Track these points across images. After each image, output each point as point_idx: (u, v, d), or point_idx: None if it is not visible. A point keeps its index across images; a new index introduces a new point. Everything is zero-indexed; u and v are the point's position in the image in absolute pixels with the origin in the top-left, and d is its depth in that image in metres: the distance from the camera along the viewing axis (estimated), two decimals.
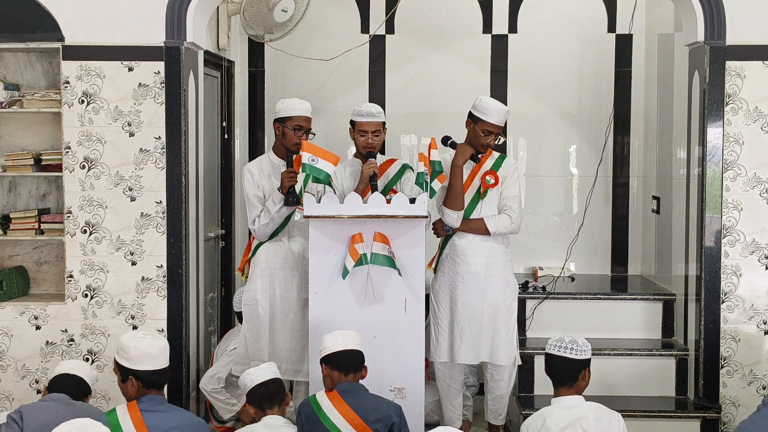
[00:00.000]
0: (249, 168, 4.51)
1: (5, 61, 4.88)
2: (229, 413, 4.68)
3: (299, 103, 4.47)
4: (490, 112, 4.38)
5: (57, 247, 4.91)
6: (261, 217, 4.41)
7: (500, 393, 4.56)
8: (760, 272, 4.65)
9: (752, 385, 4.66)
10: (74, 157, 4.58)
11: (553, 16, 6.03)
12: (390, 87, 6.09)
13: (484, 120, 4.39)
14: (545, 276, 5.74)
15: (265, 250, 4.51)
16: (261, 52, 6.09)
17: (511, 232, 4.51)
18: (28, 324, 4.65)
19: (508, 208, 4.47)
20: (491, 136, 4.40)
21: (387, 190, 4.51)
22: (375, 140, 4.49)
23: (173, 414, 3.33)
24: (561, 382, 3.38)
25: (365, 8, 6.05)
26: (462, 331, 4.46)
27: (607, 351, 4.99)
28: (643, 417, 4.71)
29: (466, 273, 4.46)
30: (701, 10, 4.53)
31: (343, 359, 3.60)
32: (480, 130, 4.40)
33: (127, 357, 3.34)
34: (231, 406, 4.67)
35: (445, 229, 4.50)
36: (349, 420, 3.43)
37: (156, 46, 4.54)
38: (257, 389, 3.51)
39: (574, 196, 6.11)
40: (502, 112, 4.40)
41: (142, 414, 3.24)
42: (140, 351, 3.33)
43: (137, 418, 3.24)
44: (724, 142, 4.59)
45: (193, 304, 4.70)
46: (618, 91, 6.01)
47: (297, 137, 4.40)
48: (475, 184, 4.50)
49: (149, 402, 3.30)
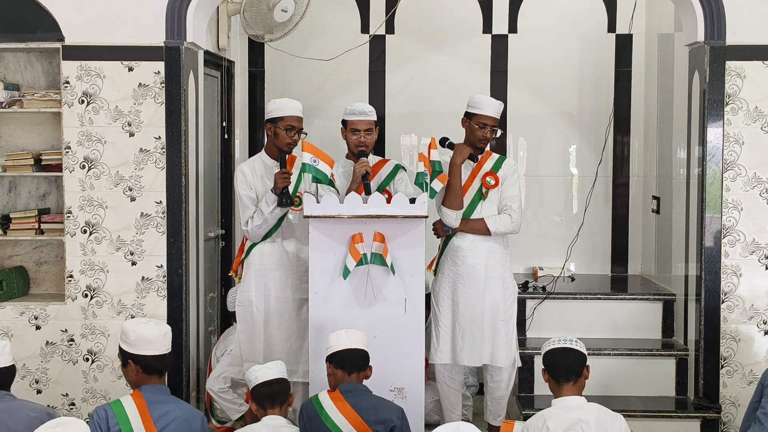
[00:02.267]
0: (241, 169, 4.49)
1: (5, 61, 4.88)
2: (237, 413, 4.66)
3: (290, 103, 4.46)
4: (483, 105, 4.46)
5: (57, 247, 4.92)
6: (254, 218, 4.40)
7: (500, 394, 4.56)
8: (760, 272, 4.65)
9: (752, 385, 4.65)
10: (74, 157, 4.58)
11: (553, 16, 6.03)
12: (390, 87, 6.09)
13: (479, 113, 4.44)
14: (545, 276, 5.74)
15: (258, 250, 4.49)
16: (261, 52, 6.09)
17: (512, 232, 4.52)
18: (28, 324, 4.65)
19: (508, 208, 4.48)
20: (487, 128, 4.44)
21: (380, 190, 4.48)
22: (367, 139, 4.50)
23: (174, 404, 3.37)
24: (565, 377, 3.29)
25: (365, 8, 6.05)
26: (464, 332, 4.46)
27: (607, 351, 4.99)
28: (643, 417, 4.72)
29: (466, 274, 4.46)
30: (701, 10, 4.53)
31: (347, 358, 3.61)
32: (476, 124, 4.45)
33: (127, 341, 3.40)
34: (238, 406, 4.66)
35: (444, 229, 4.51)
36: (351, 420, 3.43)
37: (156, 46, 4.54)
38: (261, 387, 3.51)
39: (574, 196, 6.11)
40: (495, 105, 4.48)
41: (147, 404, 3.29)
42: (139, 335, 3.38)
43: (142, 406, 3.28)
44: (724, 142, 4.59)
45: (193, 304, 4.70)
46: (618, 91, 6.01)
47: (289, 137, 4.40)
48: (476, 185, 4.51)
49: (152, 391, 3.35)
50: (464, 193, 4.49)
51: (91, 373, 4.64)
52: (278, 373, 3.56)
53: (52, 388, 4.68)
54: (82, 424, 2.76)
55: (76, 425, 2.75)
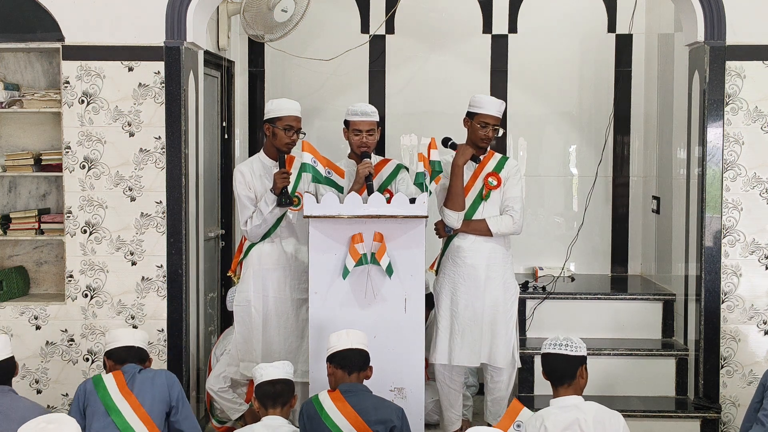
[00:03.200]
0: (240, 169, 4.49)
1: (5, 61, 4.88)
2: (237, 413, 4.66)
3: (288, 103, 4.46)
4: (484, 103, 4.47)
5: (57, 247, 4.92)
6: (253, 218, 4.40)
7: (500, 395, 4.56)
8: (760, 272, 4.65)
9: (752, 385, 4.65)
10: (74, 157, 4.59)
11: (553, 16, 6.04)
12: (390, 87, 6.09)
13: (480, 112, 4.46)
14: (545, 276, 5.74)
15: (257, 251, 4.49)
16: (261, 52, 6.09)
17: (513, 233, 4.52)
18: (28, 324, 4.65)
19: (510, 209, 4.48)
20: (489, 128, 4.45)
21: (381, 190, 4.49)
22: (369, 139, 4.49)
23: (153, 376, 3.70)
24: (559, 380, 3.35)
25: (365, 8, 6.05)
26: (463, 332, 4.46)
27: (607, 351, 4.99)
28: (643, 417, 4.72)
29: (467, 274, 4.46)
30: (701, 10, 4.53)
31: (347, 358, 3.62)
32: (477, 123, 4.46)
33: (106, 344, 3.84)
34: (238, 406, 4.66)
35: (446, 230, 4.50)
36: (351, 420, 3.43)
37: (156, 46, 4.54)
38: (265, 386, 3.52)
39: (574, 196, 6.11)
40: (497, 104, 4.49)
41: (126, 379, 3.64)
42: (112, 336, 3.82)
43: (121, 381, 3.62)
44: (724, 142, 4.59)
45: (193, 304, 4.70)
46: (618, 91, 6.01)
47: (287, 137, 4.40)
48: (478, 186, 4.51)
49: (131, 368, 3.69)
50: (466, 193, 4.49)
51: (91, 373, 4.63)
52: (284, 374, 3.56)
53: (52, 388, 4.68)
54: (73, 423, 2.77)
55: (69, 424, 2.75)
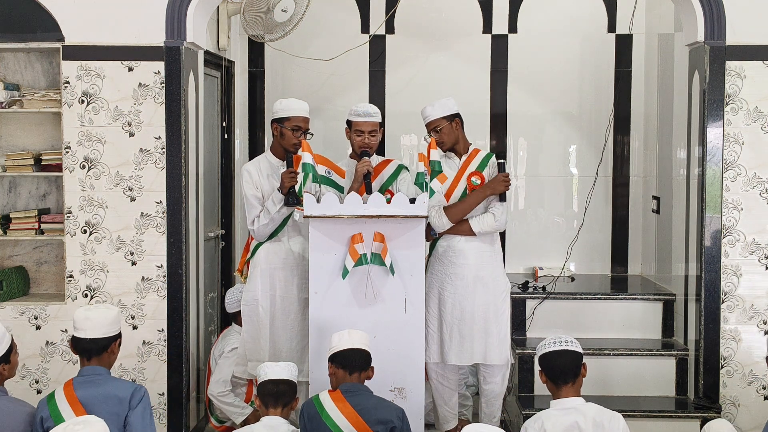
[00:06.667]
0: (247, 168, 4.51)
1: (5, 61, 4.88)
2: (241, 416, 4.62)
3: (297, 104, 4.47)
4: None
5: (57, 247, 4.92)
6: (260, 217, 4.42)
7: (494, 394, 4.54)
8: (760, 272, 4.65)
9: (752, 385, 4.66)
10: (74, 157, 4.59)
11: (553, 16, 6.04)
12: (390, 87, 6.09)
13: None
14: (545, 276, 5.74)
15: (264, 250, 4.50)
16: (261, 52, 6.09)
17: (496, 230, 4.47)
18: (28, 324, 4.65)
19: (492, 207, 4.46)
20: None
21: (383, 190, 4.50)
22: (371, 140, 4.50)
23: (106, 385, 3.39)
24: (563, 378, 3.30)
25: (365, 8, 6.06)
26: (451, 332, 4.43)
27: (607, 351, 4.99)
28: (643, 417, 4.71)
29: (454, 274, 4.44)
30: (701, 10, 4.53)
31: (348, 358, 3.61)
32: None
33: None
34: (241, 409, 4.64)
35: (432, 233, 4.49)
36: (351, 420, 3.43)
37: (156, 46, 4.54)
38: (267, 384, 3.52)
39: (574, 196, 6.11)
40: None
41: (75, 391, 3.36)
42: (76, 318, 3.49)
43: (71, 395, 3.36)
44: (724, 142, 4.59)
45: (193, 304, 4.70)
46: (618, 91, 6.01)
47: (295, 137, 4.41)
48: (461, 186, 4.48)
49: (86, 375, 3.42)
50: (451, 193, 4.47)
51: None
52: (288, 375, 3.56)
53: (52, 388, 4.63)
54: (101, 424, 2.76)
55: (96, 424, 2.75)
